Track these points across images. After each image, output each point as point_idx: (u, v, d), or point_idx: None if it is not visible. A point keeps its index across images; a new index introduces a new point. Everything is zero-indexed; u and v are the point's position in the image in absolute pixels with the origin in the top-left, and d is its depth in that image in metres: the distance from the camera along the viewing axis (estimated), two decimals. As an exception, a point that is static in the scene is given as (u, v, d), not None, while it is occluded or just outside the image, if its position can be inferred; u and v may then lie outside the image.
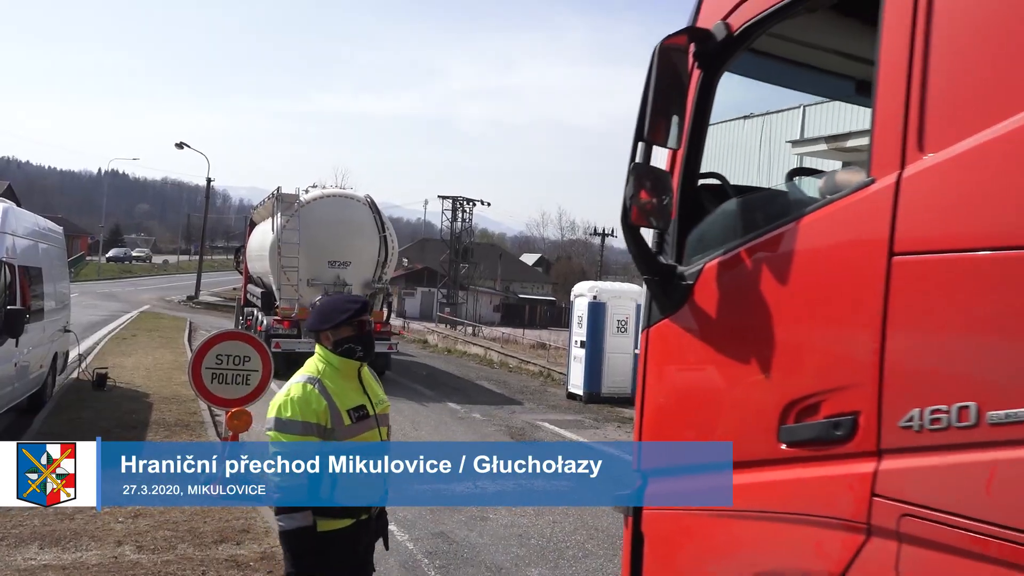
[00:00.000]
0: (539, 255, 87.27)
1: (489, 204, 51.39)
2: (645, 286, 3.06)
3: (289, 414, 3.44)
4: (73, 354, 15.12)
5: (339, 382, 3.56)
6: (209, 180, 47.45)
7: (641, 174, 2.80)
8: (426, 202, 76.98)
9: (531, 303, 61.70)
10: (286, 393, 3.51)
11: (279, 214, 17.23)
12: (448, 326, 41.79)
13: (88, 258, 69.09)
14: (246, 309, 21.31)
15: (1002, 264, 1.90)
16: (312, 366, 3.63)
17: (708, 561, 2.75)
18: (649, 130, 2.76)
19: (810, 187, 2.78)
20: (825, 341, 2.38)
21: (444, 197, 50.73)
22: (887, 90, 2.23)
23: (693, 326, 2.86)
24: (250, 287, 21.30)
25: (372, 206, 17.72)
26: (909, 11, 2.17)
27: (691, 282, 2.86)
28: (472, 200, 50.82)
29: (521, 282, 73.71)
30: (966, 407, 1.93)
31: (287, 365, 12.51)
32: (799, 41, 3.35)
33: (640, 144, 2.85)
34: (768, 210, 2.76)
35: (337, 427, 3.47)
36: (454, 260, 50.35)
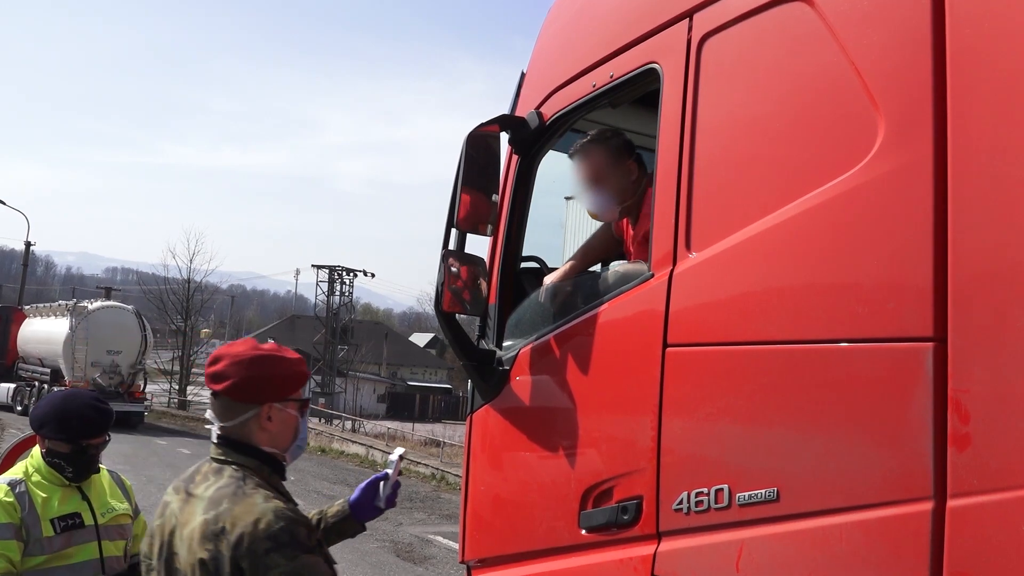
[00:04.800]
0: (432, 335, 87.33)
1: (373, 275, 51.46)
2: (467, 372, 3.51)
3: None
4: None
5: (50, 486, 3.51)
6: (28, 244, 45.88)
7: (452, 260, 3.28)
8: (298, 272, 76.17)
9: (423, 392, 61.54)
10: None
11: (72, 318, 31.37)
12: (322, 420, 41.14)
13: None
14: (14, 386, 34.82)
15: (750, 357, 2.43)
16: (21, 466, 3.58)
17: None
18: (460, 217, 3.26)
19: (615, 277, 3.30)
20: (615, 427, 2.87)
21: (319, 266, 50.63)
22: (662, 189, 2.79)
23: (510, 413, 3.32)
24: (27, 365, 34.96)
25: (137, 313, 33.49)
26: (677, 129, 2.78)
27: (508, 367, 3.33)
28: (352, 270, 50.92)
29: (411, 367, 73.54)
30: (721, 489, 2.43)
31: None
32: (623, 128, 3.98)
33: (453, 231, 3.34)
34: (575, 297, 3.27)
35: (35, 539, 3.39)
36: (330, 341, 50.01)
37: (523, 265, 3.65)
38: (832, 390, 2.19)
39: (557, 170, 3.85)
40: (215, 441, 2.41)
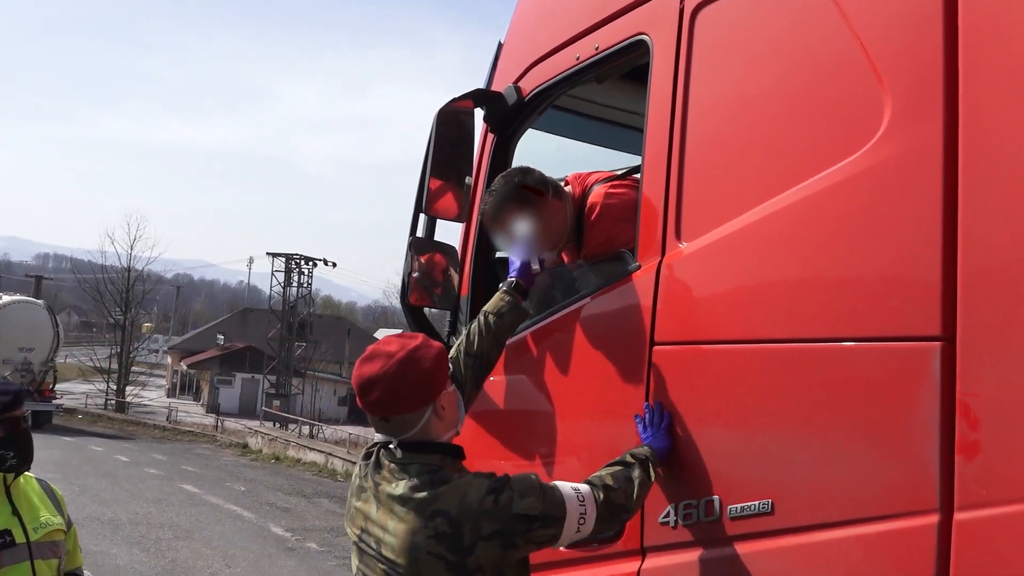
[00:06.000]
0: (400, 331, 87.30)
1: (334, 264, 51.20)
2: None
3: None
4: None
5: None
6: (-53, 228, 45.38)
7: (420, 249, 3.29)
8: (251, 260, 75.74)
9: (389, 394, 61.20)
10: None
11: None
12: (277, 425, 40.99)
13: None
14: None
15: (744, 357, 2.46)
16: None
17: None
18: (429, 202, 3.26)
19: (598, 268, 3.32)
20: (597, 432, 2.91)
21: (274, 255, 50.37)
22: (650, 173, 2.82)
23: (483, 417, 3.34)
24: None
25: (49, 309, 37.35)
26: (667, 107, 2.79)
27: (480, 368, 3.34)
28: (312, 259, 50.66)
29: (377, 366, 73.14)
30: (711, 500, 2.46)
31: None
32: (610, 105, 4.00)
33: (422, 217, 3.35)
34: (555, 291, 3.29)
35: None
36: (287, 337, 49.77)
37: (499, 255, 3.65)
38: (832, 393, 2.23)
39: (537, 150, 3.87)
40: (398, 455, 2.53)
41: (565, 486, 2.49)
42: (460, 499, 2.39)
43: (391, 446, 2.54)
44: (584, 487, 2.51)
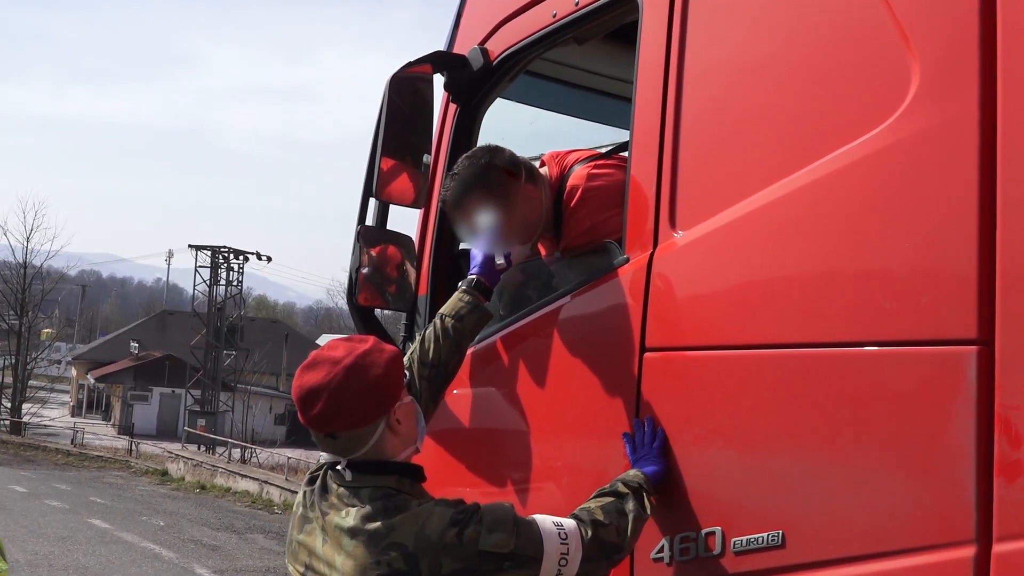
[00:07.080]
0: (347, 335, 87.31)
1: (269, 259, 51.02)
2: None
3: None
4: None
5: None
6: None
7: (370, 241, 3.27)
8: (170, 254, 75.34)
9: (334, 410, 61.10)
10: None
11: None
12: (203, 448, 40.81)
13: None
14: None
15: (750, 365, 2.47)
16: None
17: None
18: (380, 185, 3.24)
19: (579, 262, 3.32)
20: (578, 454, 2.91)
21: (198, 247, 50.13)
22: (640, 150, 2.83)
23: (444, 437, 3.33)
24: None
25: None
26: (660, 73, 2.79)
27: (441, 379, 3.33)
28: (242, 252, 50.49)
29: (320, 378, 73.06)
30: (712, 533, 2.47)
31: None
32: (592, 70, 4.00)
33: (372, 202, 3.33)
34: (528, 289, 3.29)
35: None
36: (213, 344, 49.53)
37: (463, 246, 3.64)
38: (852, 407, 2.23)
39: (507, 124, 3.85)
40: (348, 477, 2.53)
41: (545, 521, 2.48)
42: (418, 530, 2.37)
43: (339, 467, 2.53)
44: (569, 522, 2.50)
